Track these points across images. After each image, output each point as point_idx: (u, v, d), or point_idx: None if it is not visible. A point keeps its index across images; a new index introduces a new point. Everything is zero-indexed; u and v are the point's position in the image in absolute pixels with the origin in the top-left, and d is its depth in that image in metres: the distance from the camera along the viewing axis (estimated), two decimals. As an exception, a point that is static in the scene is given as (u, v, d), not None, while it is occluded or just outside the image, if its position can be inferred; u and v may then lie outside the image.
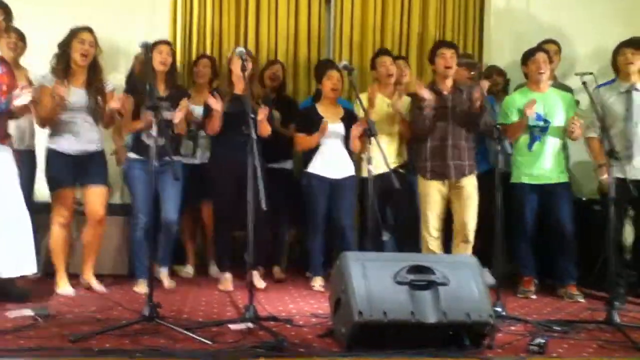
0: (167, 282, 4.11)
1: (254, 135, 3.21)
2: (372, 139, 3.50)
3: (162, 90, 4.11)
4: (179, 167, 4.07)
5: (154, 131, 3.10)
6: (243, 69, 3.54)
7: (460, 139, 4.16)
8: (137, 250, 4.05)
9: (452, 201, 4.20)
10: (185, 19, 5.31)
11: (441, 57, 4.13)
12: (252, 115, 3.27)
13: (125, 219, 4.50)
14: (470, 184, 4.15)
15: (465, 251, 4.08)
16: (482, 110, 4.05)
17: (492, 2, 5.53)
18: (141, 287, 3.93)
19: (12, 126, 3.83)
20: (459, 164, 4.14)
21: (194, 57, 5.18)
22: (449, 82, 4.19)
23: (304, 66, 5.45)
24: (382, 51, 4.77)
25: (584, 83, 3.68)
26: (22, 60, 4.35)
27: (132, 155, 4.05)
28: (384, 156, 3.52)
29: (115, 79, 4.28)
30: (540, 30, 5.30)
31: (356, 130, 4.14)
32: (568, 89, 4.54)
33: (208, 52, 5.27)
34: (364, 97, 4.26)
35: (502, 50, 5.42)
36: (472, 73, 4.17)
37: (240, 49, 3.56)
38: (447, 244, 4.29)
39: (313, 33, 5.48)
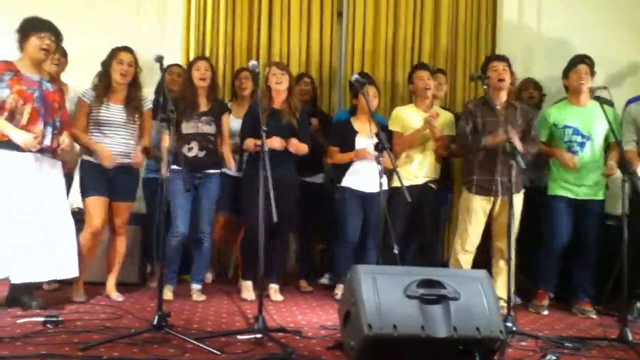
0: (196, 295, 4.13)
1: (265, 148, 3.23)
2: (384, 152, 3.51)
3: (203, 104, 4.19)
4: (216, 179, 4.17)
5: (168, 144, 3.17)
6: (255, 82, 3.57)
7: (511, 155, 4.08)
8: (170, 259, 4.09)
9: (495, 216, 4.10)
10: (199, 31, 5.36)
11: (493, 70, 4.05)
12: (265, 129, 3.28)
13: (136, 228, 4.52)
14: (517, 201, 3.95)
15: (506, 269, 3.87)
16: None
17: (504, 14, 5.53)
18: (167, 294, 3.95)
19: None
20: (506, 181, 3.97)
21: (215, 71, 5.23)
22: (502, 96, 4.10)
23: (316, 77, 5.43)
24: (420, 65, 4.74)
25: (597, 98, 3.68)
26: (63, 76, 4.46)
27: (173, 167, 4.08)
28: (396, 170, 3.53)
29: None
30: (551, 43, 5.30)
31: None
32: (609, 103, 4.48)
33: (221, 63, 5.32)
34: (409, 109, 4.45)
35: (514, 62, 5.38)
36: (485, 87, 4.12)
37: (253, 62, 3.58)
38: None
39: (325, 45, 5.50)
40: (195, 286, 4.18)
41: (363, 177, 4.34)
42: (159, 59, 3.35)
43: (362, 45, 5.50)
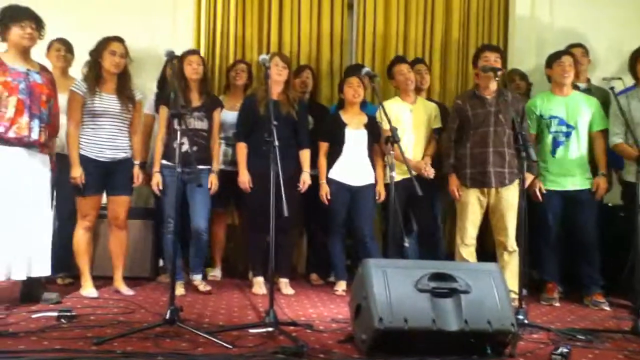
0: (202, 286, 4.14)
1: (276, 143, 3.22)
2: (395, 145, 3.50)
3: (195, 99, 4.18)
4: (206, 174, 4.14)
5: (179, 139, 3.15)
6: (266, 76, 3.58)
7: (502, 145, 4.04)
8: (172, 254, 4.09)
9: (492, 211, 4.09)
10: (209, 26, 5.36)
11: (485, 61, 4.04)
12: (275, 122, 3.27)
13: (147, 222, 4.57)
14: (511, 194, 4.01)
15: (511, 261, 3.99)
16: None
17: (516, 8, 5.47)
18: (179, 290, 3.97)
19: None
20: (500, 172, 4.02)
21: (217, 63, 5.24)
22: (492, 87, 4.09)
23: (326, 70, 5.45)
24: (398, 59, 4.75)
25: (611, 88, 3.65)
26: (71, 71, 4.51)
27: (163, 161, 4.10)
28: (406, 163, 3.53)
29: (141, 87, 4.33)
30: (563, 35, 5.25)
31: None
32: (605, 92, 4.44)
33: (231, 58, 5.32)
34: (393, 102, 4.41)
35: (526, 56, 5.36)
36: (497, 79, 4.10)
37: (264, 56, 3.57)
38: (479, 252, 4.23)
39: (335, 39, 5.48)
40: (197, 277, 4.19)
41: (352, 170, 4.34)
42: (170, 54, 3.36)
43: (372, 37, 5.48)
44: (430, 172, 4.33)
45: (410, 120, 4.43)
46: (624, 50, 5.05)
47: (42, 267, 3.57)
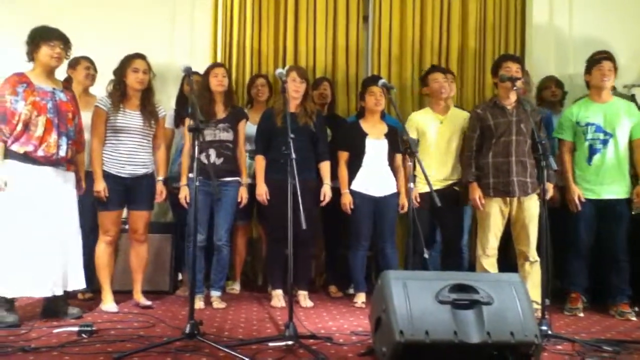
0: (216, 303, 4.14)
1: (293, 155, 3.23)
2: (414, 157, 3.48)
3: (220, 111, 4.22)
4: (235, 187, 4.17)
5: (196, 153, 3.17)
6: (282, 90, 3.59)
7: (524, 155, 4.00)
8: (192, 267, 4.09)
9: (514, 221, 4.04)
10: (225, 40, 5.40)
11: (506, 70, 4.01)
12: (292, 135, 3.28)
13: (166, 236, 4.59)
14: (533, 204, 3.97)
15: (532, 271, 3.95)
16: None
17: (534, 15, 5.45)
18: (198, 304, 3.98)
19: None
20: (523, 181, 3.98)
21: (233, 77, 5.28)
22: (512, 96, 4.05)
23: (342, 82, 5.46)
24: (435, 68, 4.71)
25: (632, 96, 3.61)
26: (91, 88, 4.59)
27: (190, 175, 4.12)
28: (425, 174, 3.51)
29: (160, 102, 4.38)
30: (583, 42, 5.21)
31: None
32: (631, 99, 4.38)
33: (247, 71, 5.36)
34: (423, 113, 4.44)
35: (545, 63, 5.33)
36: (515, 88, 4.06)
37: (280, 70, 3.59)
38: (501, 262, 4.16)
39: (351, 49, 5.49)
40: (215, 293, 4.20)
41: (374, 180, 4.32)
42: (188, 70, 3.40)
43: (388, 48, 5.48)
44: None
45: (441, 131, 4.37)
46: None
47: (78, 281, 3.66)
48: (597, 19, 5.35)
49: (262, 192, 4.19)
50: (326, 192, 4.25)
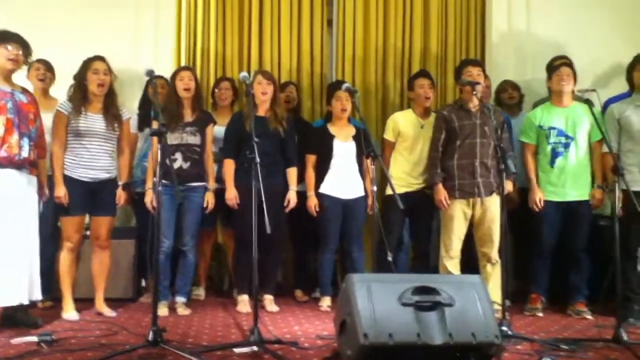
0: (180, 309, 4.09)
1: (257, 159, 3.22)
2: (377, 159, 3.51)
3: (188, 115, 4.18)
4: (201, 192, 4.14)
5: (159, 157, 3.14)
6: (247, 94, 3.59)
7: (487, 157, 4.08)
8: (160, 274, 4.05)
9: (477, 222, 4.10)
10: (189, 43, 5.36)
11: (468, 75, 4.07)
12: (256, 139, 3.28)
13: (129, 242, 4.52)
14: (494, 205, 4.04)
15: (494, 272, 4.01)
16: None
17: (493, 20, 5.54)
18: (162, 310, 3.94)
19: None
20: (487, 182, 4.05)
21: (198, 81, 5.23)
22: (476, 100, 4.11)
23: (307, 86, 5.47)
24: (423, 73, 4.72)
25: (586, 100, 3.71)
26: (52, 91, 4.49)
27: (155, 179, 4.07)
28: (388, 177, 3.56)
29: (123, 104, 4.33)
30: (542, 47, 5.33)
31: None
32: (589, 103, 4.48)
33: (212, 75, 5.33)
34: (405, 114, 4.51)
35: (505, 67, 5.43)
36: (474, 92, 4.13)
37: (244, 74, 3.59)
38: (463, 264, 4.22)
39: (316, 53, 5.50)
40: (180, 299, 4.16)
41: (342, 183, 4.35)
42: (150, 73, 3.37)
43: (352, 52, 5.50)
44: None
45: (420, 135, 4.41)
46: (601, 57, 5.17)
47: (38, 291, 3.58)
48: (555, 23, 5.47)
49: (232, 196, 4.17)
50: (291, 198, 4.26)
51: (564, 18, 5.47)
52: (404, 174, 4.40)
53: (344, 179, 4.36)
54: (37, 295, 3.59)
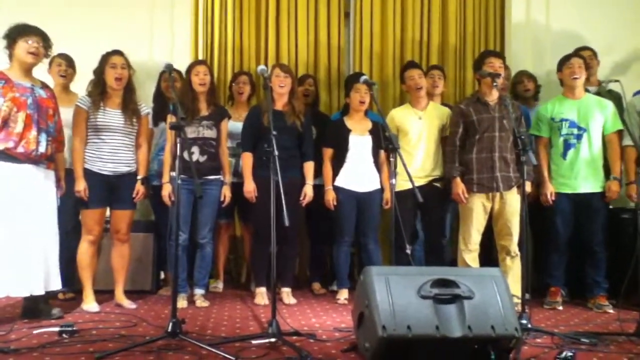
0: (199, 302, 4.12)
1: (275, 152, 3.23)
2: (395, 153, 3.49)
3: (203, 109, 4.20)
4: (217, 185, 4.16)
5: (179, 151, 3.16)
6: (265, 87, 3.58)
7: (507, 150, 4.04)
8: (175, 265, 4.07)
9: (497, 216, 4.07)
10: (207, 37, 5.37)
11: (489, 66, 4.02)
12: (274, 133, 3.28)
13: (148, 235, 4.56)
14: (514, 199, 4.00)
15: (513, 265, 3.97)
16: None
17: (513, 12, 5.50)
18: (181, 302, 3.97)
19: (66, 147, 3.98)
20: (506, 176, 4.02)
21: (215, 74, 5.24)
22: (494, 92, 4.08)
23: (324, 79, 5.46)
24: (411, 64, 4.71)
25: (609, 91, 3.66)
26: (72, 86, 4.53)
27: (173, 173, 4.09)
28: (406, 170, 3.52)
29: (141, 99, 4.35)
30: (560, 38, 5.27)
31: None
32: (616, 95, 4.41)
33: (229, 69, 5.34)
34: (402, 109, 4.47)
35: (523, 59, 5.38)
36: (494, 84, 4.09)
37: (262, 67, 3.59)
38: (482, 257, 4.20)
39: (333, 46, 5.49)
40: (198, 291, 4.19)
41: (357, 176, 4.34)
42: (169, 68, 3.39)
43: (369, 45, 5.49)
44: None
45: (420, 127, 4.40)
46: (620, 47, 5.10)
47: (55, 282, 3.61)
48: (574, 14, 5.40)
49: (251, 189, 4.18)
50: (307, 192, 4.26)
51: (583, 8, 5.41)
52: (410, 169, 4.35)
53: (359, 172, 4.35)
54: (55, 286, 3.62)
